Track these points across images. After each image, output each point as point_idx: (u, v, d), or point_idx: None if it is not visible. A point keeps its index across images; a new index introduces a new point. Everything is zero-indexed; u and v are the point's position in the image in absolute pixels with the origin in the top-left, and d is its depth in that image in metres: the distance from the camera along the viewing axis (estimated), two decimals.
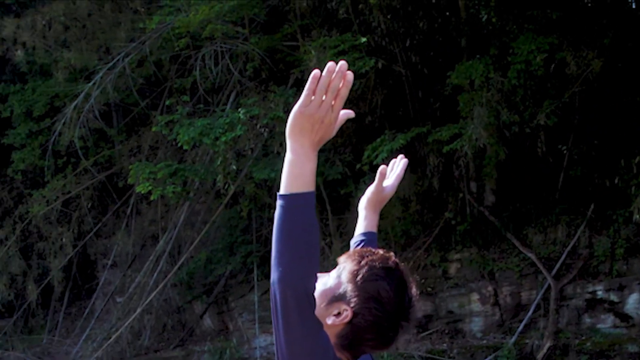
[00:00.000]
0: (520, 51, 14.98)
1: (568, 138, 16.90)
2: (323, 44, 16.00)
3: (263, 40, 17.90)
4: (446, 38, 18.40)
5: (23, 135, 20.57)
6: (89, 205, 20.99)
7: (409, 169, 14.21)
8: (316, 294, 2.33)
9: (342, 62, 2.15)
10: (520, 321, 16.26)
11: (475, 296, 16.93)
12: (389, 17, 17.89)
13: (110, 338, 18.87)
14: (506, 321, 16.61)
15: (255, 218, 19.23)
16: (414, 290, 2.50)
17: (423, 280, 17.35)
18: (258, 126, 16.61)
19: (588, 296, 16.39)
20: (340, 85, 2.17)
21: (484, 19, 16.65)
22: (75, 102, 18.24)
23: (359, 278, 2.42)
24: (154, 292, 18.85)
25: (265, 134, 17.02)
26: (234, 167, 17.06)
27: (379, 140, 15.99)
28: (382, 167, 3.28)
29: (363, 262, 2.45)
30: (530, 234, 16.97)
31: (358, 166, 16.77)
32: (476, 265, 17.01)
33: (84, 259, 21.85)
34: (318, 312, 2.33)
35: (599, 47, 15.83)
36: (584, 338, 15.95)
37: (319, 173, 17.05)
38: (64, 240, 20.60)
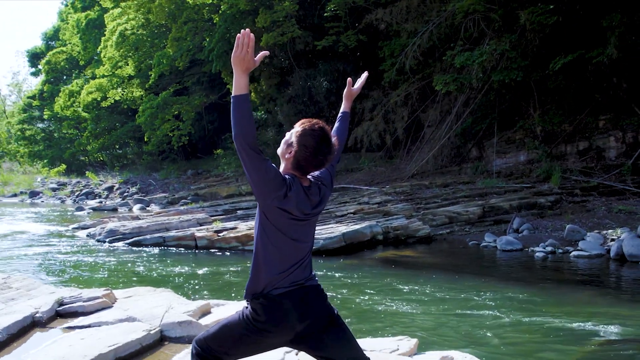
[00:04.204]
0: None
1: None
2: (532, 11, 17.76)
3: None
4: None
5: (388, 64, 22.19)
6: (417, 97, 23.03)
7: (575, 72, 17.94)
8: (283, 141, 3.11)
9: (247, 29, 2.76)
10: (635, 153, 17.63)
11: (612, 138, 18.32)
12: None
13: (424, 159, 21.62)
14: (628, 152, 17.96)
15: (497, 101, 20.73)
16: (333, 141, 3.07)
17: (583, 130, 18.88)
18: (494, 55, 18.36)
19: None
20: (247, 41, 2.74)
21: None
22: (407, 48, 21.03)
23: (298, 134, 3.02)
24: (445, 137, 21.33)
25: (497, 57, 18.55)
26: (480, 74, 18.97)
27: (557, 58, 17.50)
28: (349, 79, 3.75)
29: (301, 126, 3.04)
30: None
31: (546, 71, 18.33)
32: (613, 122, 18.34)
33: (415, 123, 23.67)
34: (283, 150, 3.09)
35: None
36: None
37: (528, 77, 18.72)
38: (404, 113, 23.22)
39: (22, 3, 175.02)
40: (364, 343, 4.69)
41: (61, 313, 6.20)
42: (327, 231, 13.75)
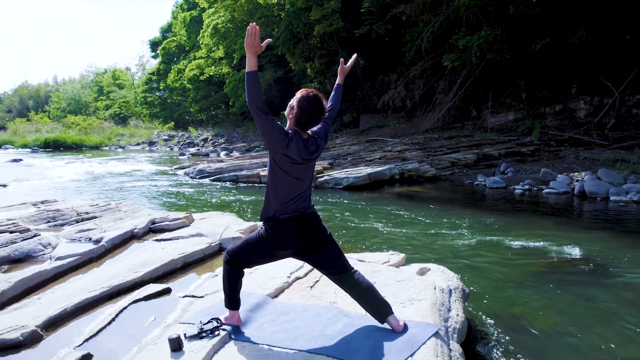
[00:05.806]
0: None
1: None
2: (519, 4, 16.73)
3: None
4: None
5: (409, 46, 21.10)
6: (430, 71, 21.92)
7: (553, 50, 16.84)
8: (288, 105, 2.95)
9: (253, 23, 2.62)
10: (600, 113, 16.69)
11: (581, 102, 17.37)
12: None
13: (435, 118, 20.90)
14: (595, 112, 16.99)
15: (492, 73, 19.42)
16: (325, 105, 2.92)
17: (559, 95, 17.78)
18: (489, 38, 17.50)
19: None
20: (254, 31, 2.60)
21: None
22: (423, 34, 20.03)
23: (297, 99, 2.88)
24: (452, 102, 20.55)
25: (491, 40, 17.53)
26: (478, 53, 17.90)
27: (538, 40, 16.65)
28: (342, 59, 3.44)
29: (300, 93, 2.90)
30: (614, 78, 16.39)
31: (529, 51, 17.19)
32: (582, 89, 17.32)
33: (429, 91, 22.30)
34: (288, 112, 2.92)
35: None
36: None
37: (515, 55, 17.64)
38: (420, 83, 22.43)
39: (146, 5, 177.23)
40: (362, 256, 4.57)
41: (153, 229, 6.30)
42: (356, 172, 13.55)
